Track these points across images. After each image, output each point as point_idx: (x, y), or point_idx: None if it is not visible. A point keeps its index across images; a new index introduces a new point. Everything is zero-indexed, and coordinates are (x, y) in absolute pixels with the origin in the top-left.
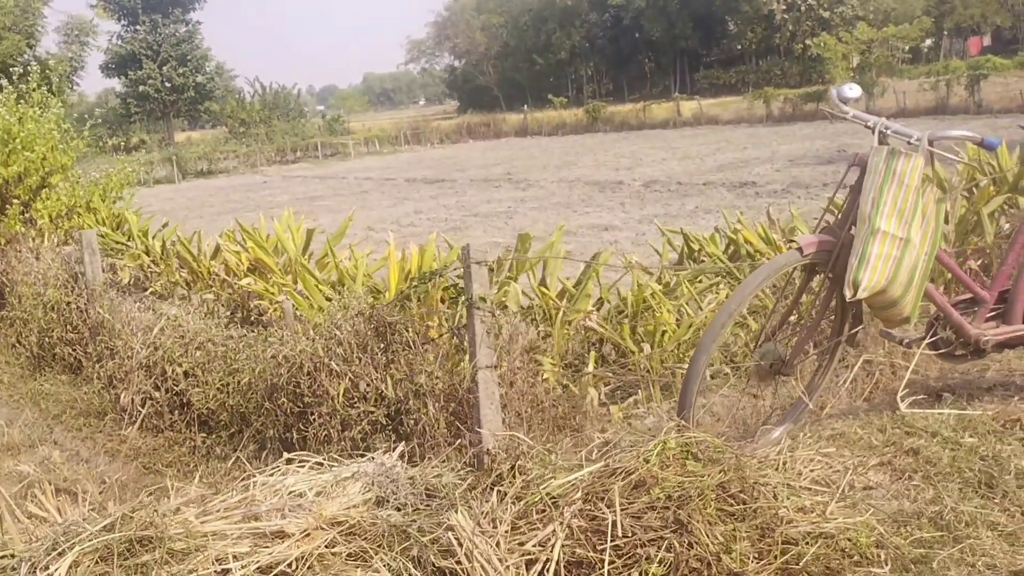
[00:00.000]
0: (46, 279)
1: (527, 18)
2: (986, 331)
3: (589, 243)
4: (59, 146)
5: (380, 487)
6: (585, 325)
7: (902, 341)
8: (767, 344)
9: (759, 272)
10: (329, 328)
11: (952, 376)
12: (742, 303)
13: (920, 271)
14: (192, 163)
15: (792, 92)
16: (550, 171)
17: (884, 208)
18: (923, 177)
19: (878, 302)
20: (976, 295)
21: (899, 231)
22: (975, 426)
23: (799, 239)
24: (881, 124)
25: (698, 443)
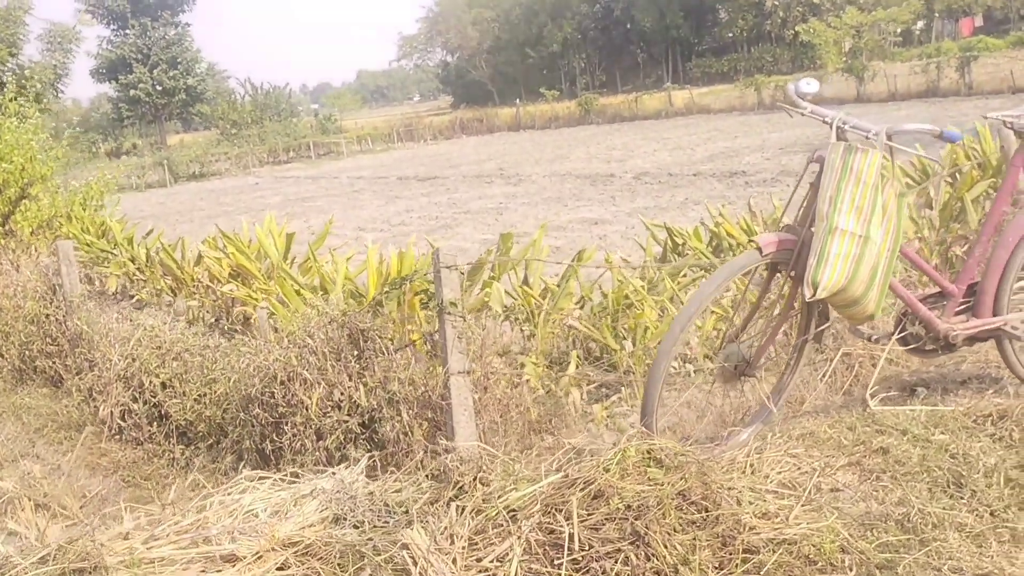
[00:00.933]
0: (25, 291)
1: (518, 11)
2: (955, 325)
3: (578, 238)
4: (37, 156)
5: (338, 504)
6: (567, 324)
7: (870, 337)
8: (730, 345)
9: (717, 274)
10: (302, 336)
11: (927, 370)
12: (700, 306)
13: (882, 268)
14: (184, 166)
15: (783, 79)
16: (542, 165)
17: (842, 206)
18: (882, 172)
19: (840, 301)
20: (943, 289)
21: (858, 229)
22: (946, 422)
23: (758, 238)
24: (838, 119)
25: (661, 450)
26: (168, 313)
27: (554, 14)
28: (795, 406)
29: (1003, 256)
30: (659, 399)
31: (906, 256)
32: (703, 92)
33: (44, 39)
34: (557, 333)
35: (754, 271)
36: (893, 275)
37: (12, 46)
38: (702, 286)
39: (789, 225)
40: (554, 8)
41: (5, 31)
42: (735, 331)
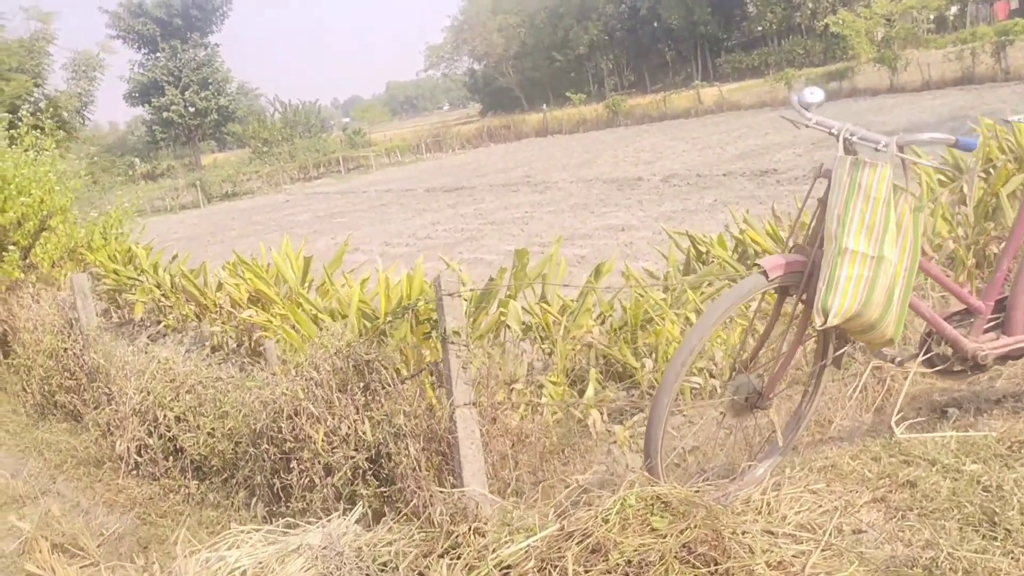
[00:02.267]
0: (43, 325)
1: (543, 15)
2: (984, 344)
3: (604, 246)
4: (55, 188)
5: (324, 562)
6: (585, 342)
7: (894, 359)
8: (740, 376)
9: (720, 301)
10: (308, 368)
11: (958, 388)
12: (703, 338)
13: (900, 289)
14: (217, 186)
15: (815, 71)
16: (569, 171)
17: (851, 225)
18: (894, 187)
19: (856, 326)
20: (969, 306)
21: (870, 249)
22: (978, 450)
23: (764, 262)
24: (846, 130)
25: (665, 496)
26: (194, 339)
27: (579, 16)
28: (823, 426)
29: None
30: (663, 439)
31: (927, 273)
32: (733, 88)
33: (69, 68)
34: (578, 350)
35: (761, 297)
36: (913, 293)
37: (37, 76)
38: (704, 316)
39: (799, 245)
40: (579, 10)
41: (30, 62)
42: (745, 361)
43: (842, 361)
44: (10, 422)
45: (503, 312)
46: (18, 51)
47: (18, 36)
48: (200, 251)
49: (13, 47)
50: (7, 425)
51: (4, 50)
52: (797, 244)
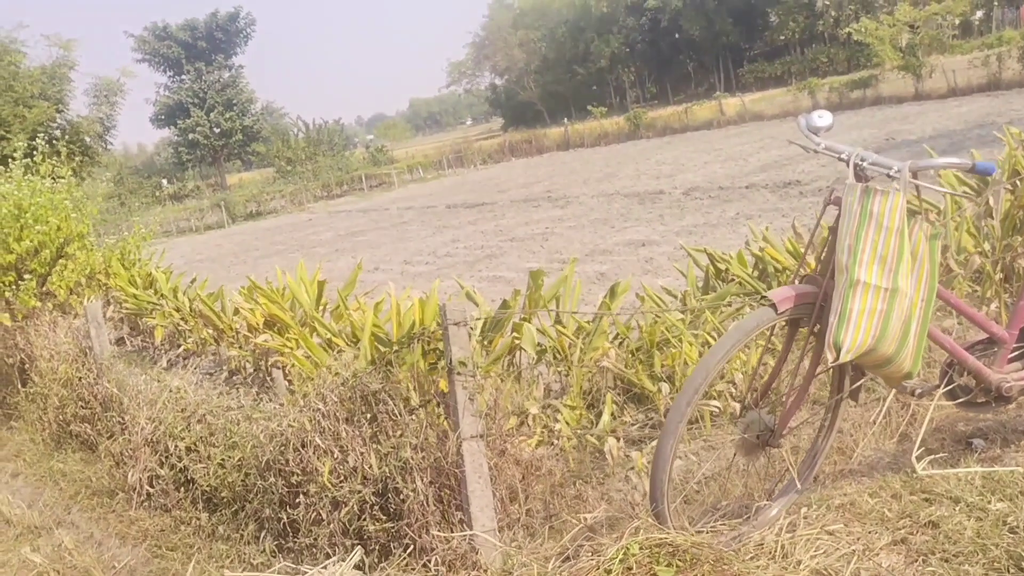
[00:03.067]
0: (59, 354)
1: (564, 30)
2: (1009, 375)
3: (625, 262)
4: (72, 215)
5: None
6: (600, 366)
7: (914, 391)
8: (751, 413)
9: (726, 337)
10: (316, 398)
11: (984, 418)
12: (708, 376)
13: (917, 321)
14: (241, 206)
15: (838, 80)
16: (590, 185)
17: (863, 256)
18: (908, 213)
19: (871, 361)
20: (993, 335)
21: (883, 281)
22: (1005, 487)
23: (772, 294)
24: (856, 155)
25: (671, 544)
26: (214, 363)
27: (600, 29)
28: (845, 454)
29: None
30: (668, 481)
31: (946, 301)
32: (756, 98)
33: (90, 93)
34: (594, 373)
35: (771, 330)
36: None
37: (59, 103)
38: (710, 352)
39: (810, 275)
40: (600, 24)
41: (51, 89)
42: (756, 396)
43: (859, 394)
44: (28, 451)
45: (517, 336)
46: (40, 78)
47: (40, 64)
48: (223, 272)
49: (35, 75)
50: (25, 454)
51: (27, 78)
52: (808, 274)
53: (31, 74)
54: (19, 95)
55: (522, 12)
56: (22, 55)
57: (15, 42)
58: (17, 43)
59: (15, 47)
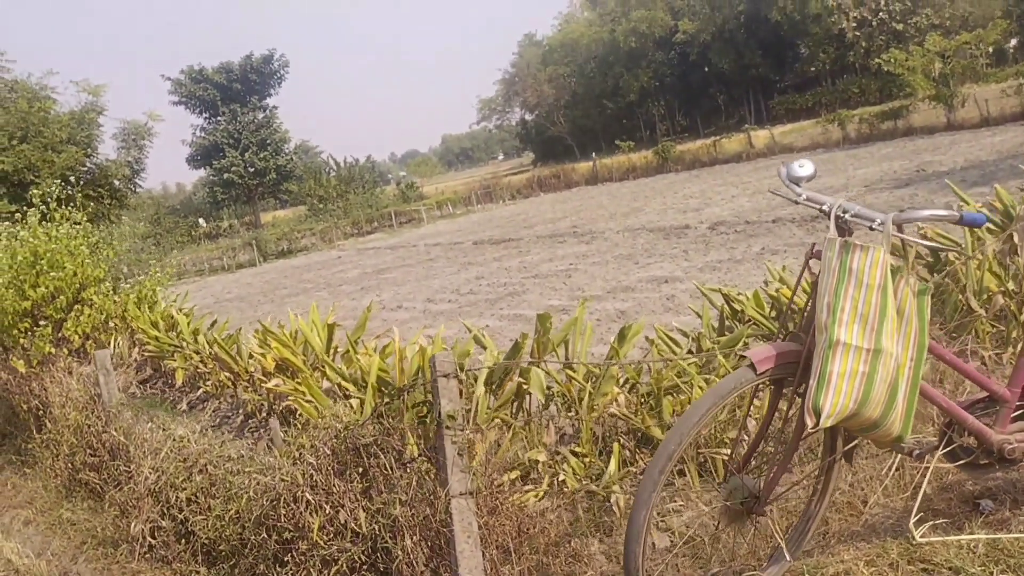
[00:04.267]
0: (70, 400)
1: (592, 65)
2: (1012, 436)
3: (646, 299)
4: (88, 259)
5: None
6: (607, 413)
7: (912, 452)
8: (734, 479)
9: (703, 400)
10: (309, 450)
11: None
12: (682, 443)
13: (905, 382)
14: (273, 244)
15: (869, 110)
16: (616, 220)
17: (842, 315)
18: (892, 269)
19: (855, 425)
20: (993, 393)
21: (865, 341)
22: (1010, 556)
23: (752, 353)
24: (837, 207)
25: None
26: (232, 406)
27: (629, 64)
28: (856, 508)
29: None
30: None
31: (940, 358)
32: (785, 130)
33: (119, 137)
34: (605, 418)
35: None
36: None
37: (88, 147)
38: (685, 416)
39: (793, 332)
40: (629, 58)
41: (80, 133)
42: (740, 460)
43: (853, 455)
44: (40, 498)
45: (524, 381)
46: (69, 124)
47: (69, 109)
48: (249, 311)
49: (64, 120)
50: (37, 501)
51: (56, 123)
52: (791, 331)
53: (60, 119)
54: (48, 140)
55: (551, 49)
56: (52, 101)
57: (45, 88)
58: (47, 90)
59: (45, 93)
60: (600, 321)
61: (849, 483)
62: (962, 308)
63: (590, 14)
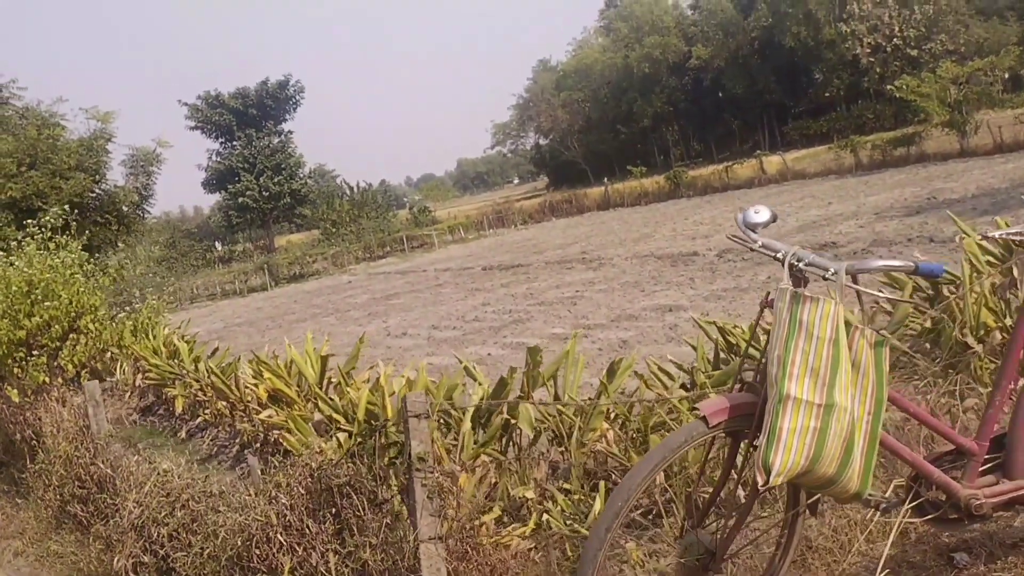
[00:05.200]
0: (61, 431)
1: (606, 90)
2: (980, 491)
3: (649, 328)
4: (82, 288)
5: None
6: (594, 450)
7: (878, 506)
8: (690, 535)
9: (653, 454)
10: (284, 489)
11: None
12: (629, 499)
13: (863, 437)
14: (285, 268)
15: (883, 136)
16: (626, 246)
17: (793, 369)
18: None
19: (809, 482)
20: (960, 446)
21: (816, 396)
22: None
23: (703, 405)
24: (792, 255)
25: None
26: (230, 435)
27: (643, 90)
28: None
29: None
30: None
31: (903, 410)
32: (799, 156)
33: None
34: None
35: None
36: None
37: (96, 173)
38: (631, 474)
39: (750, 383)
40: (642, 84)
41: (89, 160)
42: (697, 516)
43: (818, 507)
44: (31, 529)
45: (512, 416)
46: (77, 150)
47: (78, 136)
48: (257, 336)
49: (73, 146)
50: (28, 532)
51: (64, 150)
52: (748, 382)
53: (69, 146)
54: (56, 167)
55: (565, 74)
56: (61, 128)
57: (54, 116)
58: (56, 117)
59: (54, 120)
60: (601, 351)
61: (832, 527)
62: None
63: (604, 40)
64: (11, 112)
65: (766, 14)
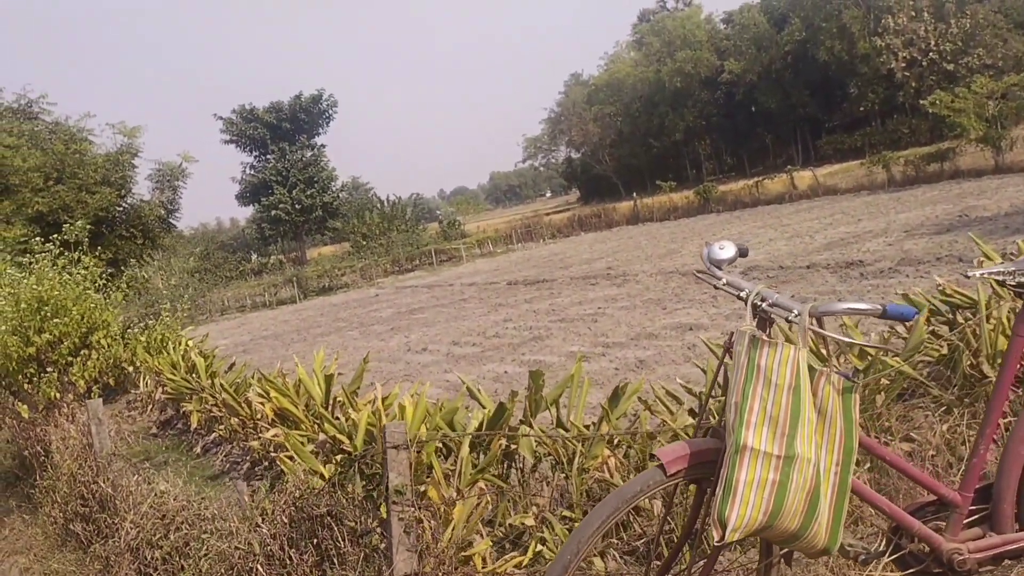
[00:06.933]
0: (67, 448)
1: (638, 104)
2: (966, 544)
3: (668, 348)
4: (94, 304)
5: None
6: (596, 478)
7: (857, 557)
8: None
9: (604, 504)
10: (268, 517)
11: None
12: (579, 552)
13: (831, 489)
14: (314, 281)
15: (916, 152)
16: (652, 262)
17: (750, 417)
18: (810, 366)
19: (771, 537)
20: (942, 497)
21: (775, 447)
22: None
23: (661, 452)
24: (755, 295)
25: None
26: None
27: (675, 104)
28: None
29: (1020, 450)
30: None
31: (879, 458)
32: (833, 170)
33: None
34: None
35: (673, 491)
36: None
37: (121, 188)
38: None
39: (713, 427)
40: (674, 98)
41: (115, 175)
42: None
43: (793, 556)
44: (38, 545)
45: (512, 442)
46: (104, 165)
47: (105, 151)
48: (282, 349)
49: (99, 161)
50: (35, 548)
51: (91, 164)
52: (712, 426)
53: (95, 161)
54: (83, 181)
55: (596, 88)
56: (89, 143)
57: (82, 131)
58: (84, 132)
59: (82, 135)
60: (618, 370)
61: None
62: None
63: (636, 54)
64: (41, 127)
65: (799, 28)
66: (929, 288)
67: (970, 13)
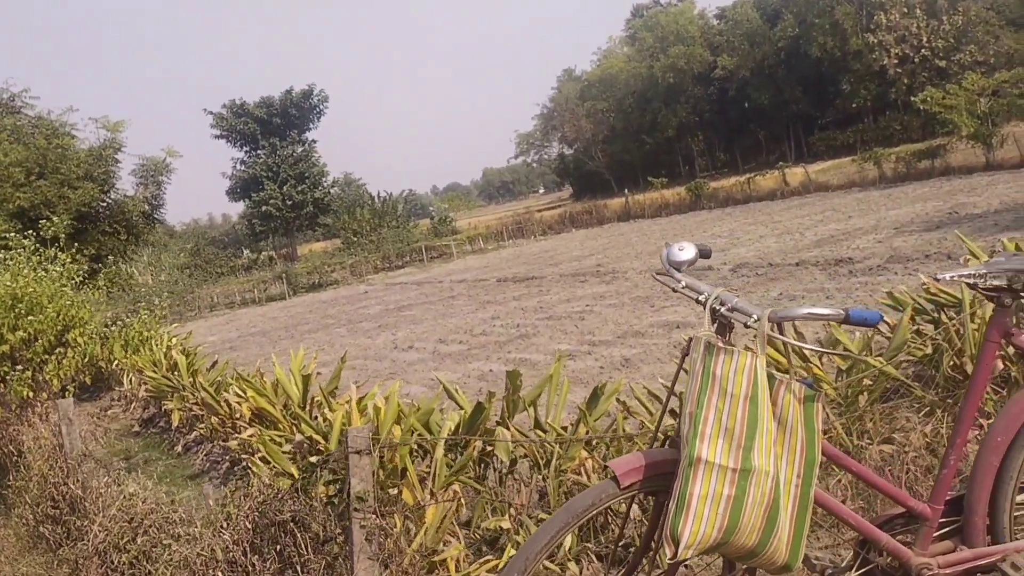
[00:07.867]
0: (39, 449)
1: (631, 100)
2: (936, 559)
3: (654, 346)
4: (70, 301)
5: None
6: (575, 480)
7: (823, 571)
8: None
9: (554, 520)
10: (231, 522)
11: None
12: (527, 568)
13: (791, 502)
14: (303, 277)
15: (907, 148)
16: (641, 259)
17: (705, 428)
18: (769, 375)
19: (729, 553)
20: (910, 509)
21: (730, 460)
22: None
23: (616, 464)
24: (714, 299)
25: None
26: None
27: (667, 100)
28: None
29: (992, 461)
30: None
31: (844, 469)
32: (824, 167)
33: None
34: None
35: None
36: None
37: (104, 183)
38: (531, 540)
39: (672, 437)
40: (667, 94)
41: (97, 170)
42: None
43: (757, 571)
44: (9, 547)
45: (489, 444)
46: (86, 160)
47: (88, 146)
48: (269, 346)
49: (81, 156)
50: (6, 550)
51: (74, 159)
52: (671, 436)
53: (78, 156)
54: (65, 176)
55: (589, 84)
56: (71, 138)
57: (65, 125)
58: (67, 126)
59: (65, 130)
60: (603, 368)
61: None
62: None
63: (629, 49)
64: (23, 121)
65: (792, 24)
66: (916, 286)
67: (962, 10)
